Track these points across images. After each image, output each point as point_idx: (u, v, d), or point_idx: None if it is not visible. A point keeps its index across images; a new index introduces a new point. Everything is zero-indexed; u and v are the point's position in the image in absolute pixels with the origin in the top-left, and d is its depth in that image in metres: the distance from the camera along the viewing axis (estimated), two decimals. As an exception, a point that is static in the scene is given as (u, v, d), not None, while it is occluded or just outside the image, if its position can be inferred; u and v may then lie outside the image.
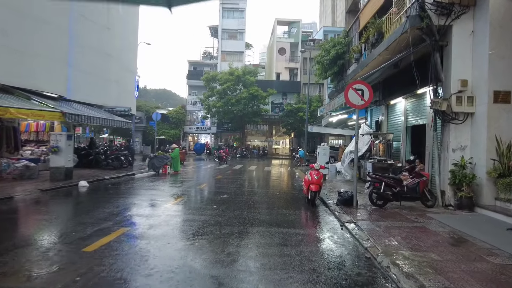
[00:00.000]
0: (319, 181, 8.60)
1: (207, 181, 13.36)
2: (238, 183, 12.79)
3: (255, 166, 22.79)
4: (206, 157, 34.42)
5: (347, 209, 7.79)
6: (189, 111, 41.53)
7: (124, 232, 5.62)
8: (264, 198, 9.55)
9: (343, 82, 15.78)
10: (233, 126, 36.99)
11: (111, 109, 16.16)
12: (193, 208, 7.93)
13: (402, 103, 12.38)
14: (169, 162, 16.35)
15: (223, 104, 33.86)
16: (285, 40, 42.11)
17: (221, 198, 9.22)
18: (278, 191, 11.24)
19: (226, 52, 41.39)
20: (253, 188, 11.57)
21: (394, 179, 8.18)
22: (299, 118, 34.38)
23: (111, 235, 5.39)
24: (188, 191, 10.44)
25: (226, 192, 10.40)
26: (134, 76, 20.50)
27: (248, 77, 34.19)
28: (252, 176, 15.83)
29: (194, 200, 9.04)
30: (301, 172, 18.46)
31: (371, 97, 8.18)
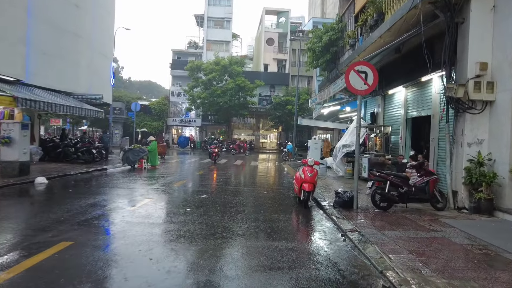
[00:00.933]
0: (313, 179, 7.39)
1: (187, 177, 11.98)
2: (221, 180, 11.47)
3: (241, 161, 21.49)
4: (190, 150, 32.87)
5: (346, 213, 6.61)
6: (173, 102, 39.72)
7: (64, 248, 4.25)
8: (249, 199, 8.28)
9: (336, 71, 14.60)
10: (219, 118, 35.49)
11: (80, 97, 14.50)
12: (162, 213, 6.57)
13: (402, 93, 11.28)
14: (145, 156, 14.88)
15: (208, 95, 32.28)
16: (274, 30, 40.67)
17: (199, 199, 7.89)
18: (265, 189, 9.99)
19: (212, 41, 39.66)
20: (237, 186, 10.28)
21: (400, 178, 7.03)
22: (288, 111, 33.21)
23: (45, 253, 4.03)
24: (162, 189, 9.04)
25: (206, 191, 9.07)
26: (109, 62, 18.77)
27: (235, 67, 32.68)
28: (237, 172, 14.54)
29: (166, 202, 7.64)
30: (289, 168, 17.29)
31: (375, 81, 6.97)
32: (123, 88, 68.72)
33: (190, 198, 7.99)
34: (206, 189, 9.44)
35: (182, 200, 7.76)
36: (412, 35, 8.11)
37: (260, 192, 9.25)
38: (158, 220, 5.89)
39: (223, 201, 7.78)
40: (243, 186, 10.23)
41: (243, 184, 10.69)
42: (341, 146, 13.98)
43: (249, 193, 9.10)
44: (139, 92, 76.06)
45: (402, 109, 11.21)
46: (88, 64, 15.78)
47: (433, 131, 9.13)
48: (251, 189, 9.76)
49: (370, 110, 14.77)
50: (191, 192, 8.86)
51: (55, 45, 13.31)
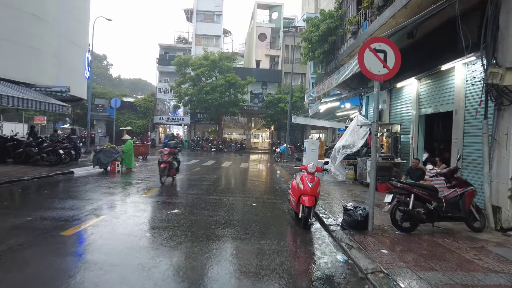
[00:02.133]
0: (314, 191, 5.74)
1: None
2: (203, 186, 9.73)
3: (230, 162, 19.75)
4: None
5: (360, 238, 4.97)
6: (160, 99, 37.72)
7: None
8: (233, 215, 6.55)
9: (335, 62, 13.00)
10: (208, 117, 33.68)
11: (43, 89, 12.58)
12: (110, 241, 4.75)
13: (413, 86, 9.73)
14: (119, 157, 13.07)
15: (196, 92, 30.44)
16: (266, 25, 38.98)
17: (167, 216, 6.14)
18: (254, 199, 8.28)
19: (201, 35, 37.77)
20: (221, 195, 8.56)
21: (427, 190, 5.42)
22: (280, 109, 31.61)
23: None
24: (124, 202, 7.26)
25: (181, 203, 7.33)
26: (83, 53, 16.84)
27: (225, 62, 30.91)
28: (223, 176, 12.81)
29: (123, 221, 5.76)
30: (282, 170, 15.64)
31: (397, 63, 5.35)
32: (112, 86, 66.43)
33: (156, 215, 6.23)
34: (181, 200, 7.70)
35: (144, 219, 5.95)
36: (435, 10, 6.51)
37: (248, 204, 7.54)
38: (98, 256, 4.14)
39: (199, 219, 6.05)
40: (227, 195, 8.52)
41: (228, 192, 8.97)
42: (340, 147, 12.39)
43: (234, 205, 7.39)
44: (129, 90, 73.78)
45: (414, 105, 9.66)
46: (55, 53, 13.86)
47: (456, 129, 7.58)
48: (237, 200, 8.04)
49: (373, 107, 13.21)
50: (161, 205, 7.11)
51: (10, 28, 11.42)
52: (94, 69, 75.27)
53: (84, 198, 7.40)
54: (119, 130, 36.12)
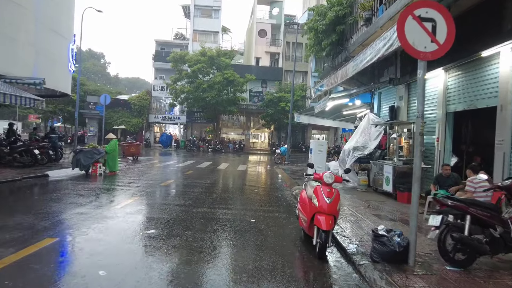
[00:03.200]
0: (333, 209, 4.33)
1: (144, 191, 8.72)
2: (192, 195, 8.27)
3: (227, 164, 18.30)
4: (173, 150, 29.54)
5: (402, 278, 3.53)
6: (155, 97, 36.26)
7: None
8: (225, 239, 5.08)
9: (345, 53, 11.58)
10: (206, 116, 32.21)
11: (14, 81, 11.10)
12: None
13: (439, 79, 8.32)
14: (101, 158, 11.63)
15: (193, 89, 28.99)
16: (266, 21, 37.57)
17: (139, 240, 4.69)
18: (253, 212, 6.82)
19: (199, 31, 36.32)
20: (213, 207, 7.06)
21: (488, 210, 3.99)
22: (281, 108, 30.21)
23: None
24: (90, 217, 5.77)
25: (161, 219, 5.87)
26: (67, 43, 15.35)
27: (223, 59, 29.48)
28: (218, 181, 11.36)
29: (74, 249, 4.26)
30: (284, 173, 14.21)
31: (451, 37, 3.92)
32: (109, 85, 64.87)
33: (123, 239, 4.75)
34: (162, 214, 6.24)
35: (105, 245, 4.43)
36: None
37: (245, 221, 6.07)
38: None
39: (180, 245, 4.59)
40: (221, 208, 7.06)
41: (222, 203, 7.50)
42: (350, 148, 10.97)
43: (228, 222, 5.93)
44: (126, 89, 72.26)
45: (440, 101, 8.25)
46: (31, 42, 12.39)
47: (501, 129, 6.18)
48: (233, 214, 6.57)
49: (387, 104, 11.80)
50: (135, 223, 5.63)
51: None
52: (91, 66, 74.29)
53: (41, 211, 5.93)
54: (111, 129, 34.70)
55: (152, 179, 10.66)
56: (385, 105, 12.05)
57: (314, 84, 37.33)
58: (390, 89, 11.50)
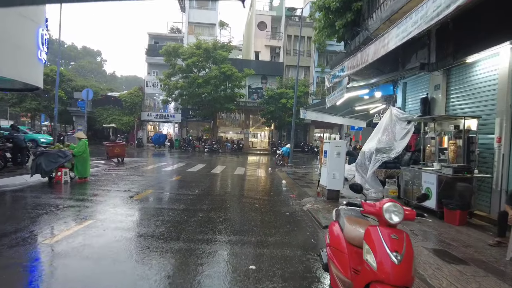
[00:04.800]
0: (406, 275, 2.22)
1: (108, 209, 6.58)
2: (169, 217, 6.06)
3: (223, 166, 16.20)
4: (166, 151, 27.40)
5: None
6: (148, 94, 34.08)
7: None
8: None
9: (365, 33, 9.46)
10: (202, 114, 30.06)
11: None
12: None
13: (501, 58, 6.23)
14: (67, 162, 9.55)
15: (188, 85, 26.86)
16: (266, 13, 35.37)
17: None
18: (252, 249, 4.58)
19: (195, 24, 34.14)
20: (194, 240, 4.72)
21: None
22: (282, 105, 28.09)
23: None
24: (14, 255, 3.71)
25: (116, 261, 3.79)
26: (35, 28, 13.19)
27: (220, 52, 27.36)
28: (209, 192, 9.24)
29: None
30: (288, 178, 12.13)
31: None
32: (106, 83, 62.60)
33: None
34: (113, 253, 4.15)
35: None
36: None
37: (239, 270, 3.91)
38: None
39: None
40: (204, 242, 4.82)
41: (206, 232, 5.18)
42: (372, 150, 8.90)
43: (214, 272, 3.81)
44: (124, 87, 70.03)
45: (503, 88, 6.16)
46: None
47: None
48: (220, 256, 4.36)
49: (415, 95, 9.72)
50: (59, 272, 3.56)
51: None
52: (86, 64, 71.96)
53: None
54: (101, 127, 32.58)
55: (126, 189, 8.55)
56: (412, 97, 9.98)
57: (316, 80, 35.21)
58: (419, 77, 9.43)
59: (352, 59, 6.62)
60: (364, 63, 5.93)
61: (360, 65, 6.01)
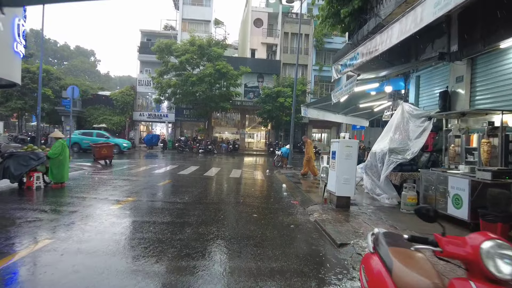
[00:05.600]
0: None
1: (79, 225, 5.50)
2: (149, 233, 4.93)
3: (218, 168, 15.14)
4: (159, 152, 26.23)
5: None
6: (141, 93, 32.89)
7: None
8: None
9: (375, 20, 8.45)
10: (196, 113, 28.93)
11: None
12: None
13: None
14: (41, 166, 8.45)
15: (181, 83, 25.75)
16: (262, 10, 34.38)
17: None
18: (253, 279, 3.62)
19: (189, 20, 33.04)
20: (173, 270, 3.68)
21: None
22: (279, 104, 27.07)
23: None
24: None
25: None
26: (11, 18, 12.03)
27: (215, 48, 26.32)
28: (201, 199, 8.18)
29: None
30: (288, 182, 11.11)
31: None
32: (100, 83, 61.08)
33: None
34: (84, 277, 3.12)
35: None
36: None
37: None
38: None
39: None
40: (194, 260, 3.90)
41: (192, 256, 3.90)
42: (385, 151, 7.92)
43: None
44: (118, 87, 68.55)
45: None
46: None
47: None
48: (215, 284, 3.41)
49: (431, 89, 8.75)
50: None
51: None
52: (79, 64, 70.34)
53: None
54: (91, 127, 31.29)
55: (105, 197, 7.46)
56: (427, 91, 9.01)
57: (314, 78, 34.23)
58: (436, 69, 8.45)
59: (368, 43, 5.61)
60: (385, 47, 4.91)
61: (380, 49, 5.00)
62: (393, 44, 4.65)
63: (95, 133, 23.66)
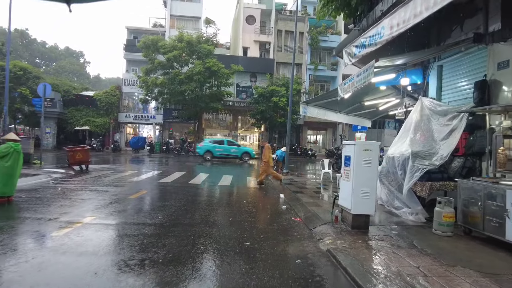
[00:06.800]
0: None
1: (3, 254, 3.90)
2: (101, 276, 3.48)
3: (206, 174, 13.53)
4: (146, 155, 24.44)
5: None
6: (127, 93, 31.06)
7: None
8: None
9: (390, 1, 6.95)
10: (186, 114, 27.22)
11: None
12: None
13: None
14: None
15: (168, 81, 24.07)
16: (255, 6, 32.88)
17: None
18: None
19: (177, 17, 31.38)
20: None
21: None
22: (273, 104, 25.55)
23: None
24: None
25: None
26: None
27: (205, 45, 24.73)
28: (179, 215, 6.53)
29: None
30: (285, 189, 9.53)
31: None
32: (89, 85, 58.74)
33: None
34: None
35: None
36: None
37: None
38: None
39: None
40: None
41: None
42: (406, 155, 6.45)
43: None
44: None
45: None
46: None
47: None
48: None
49: (461, 80, 7.30)
50: None
51: None
52: (67, 65, 67.79)
53: None
54: (73, 130, 29.38)
55: (56, 216, 5.79)
56: (451, 83, 7.55)
57: (309, 78, 32.73)
58: (466, 55, 6.99)
59: (401, 10, 4.08)
60: (430, 9, 3.40)
61: (424, 11, 3.48)
62: (447, 2, 3.15)
63: (226, 141, 22.95)
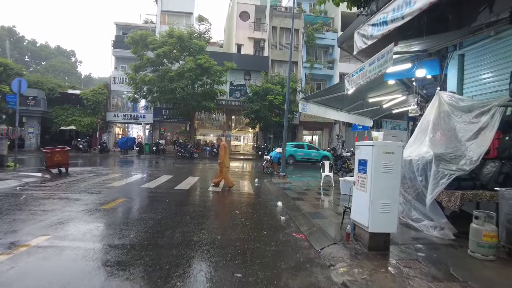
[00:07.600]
0: None
1: None
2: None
3: (195, 178, 12.44)
4: (135, 157, 23.20)
5: None
6: (115, 92, 29.77)
7: None
8: None
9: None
10: (177, 113, 26.05)
11: None
12: None
13: None
14: None
15: (158, 79, 22.88)
16: (249, 2, 31.81)
17: None
18: None
19: (168, 12, 30.18)
20: None
21: None
22: (268, 103, 24.52)
23: None
24: None
25: None
26: None
27: (196, 41, 23.60)
28: (157, 232, 5.44)
29: None
30: (283, 195, 8.46)
31: None
32: (80, 84, 57.07)
33: None
34: None
35: None
36: None
37: None
38: None
39: None
40: None
41: None
42: (428, 158, 5.43)
43: None
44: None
45: None
46: None
47: None
48: None
49: (486, 70, 6.31)
50: None
51: None
52: (58, 64, 65.82)
53: None
54: (58, 130, 28.00)
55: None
56: (475, 74, 6.57)
57: (305, 76, 31.74)
58: (496, 41, 6.00)
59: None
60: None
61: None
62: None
63: (306, 145, 22.75)
